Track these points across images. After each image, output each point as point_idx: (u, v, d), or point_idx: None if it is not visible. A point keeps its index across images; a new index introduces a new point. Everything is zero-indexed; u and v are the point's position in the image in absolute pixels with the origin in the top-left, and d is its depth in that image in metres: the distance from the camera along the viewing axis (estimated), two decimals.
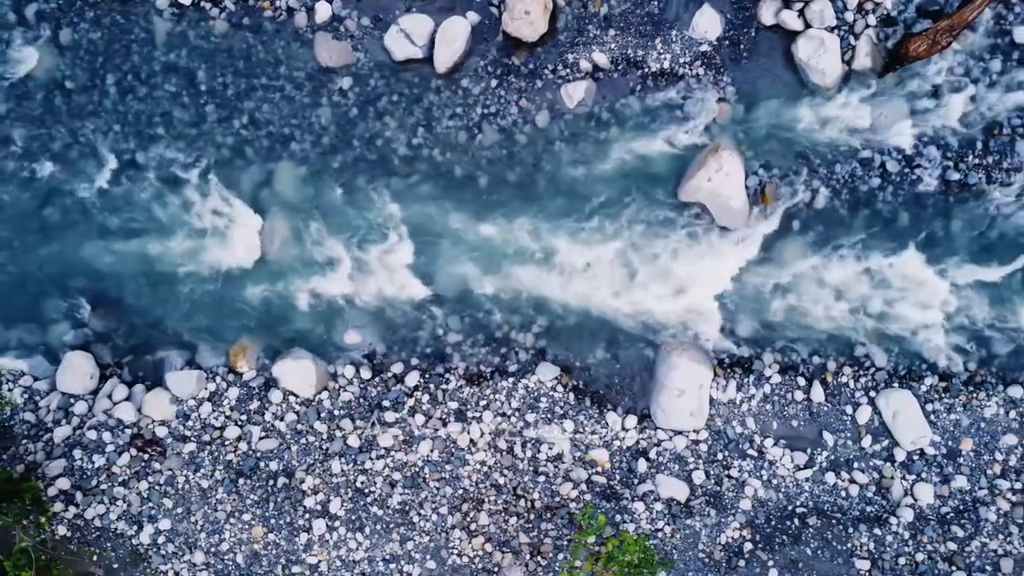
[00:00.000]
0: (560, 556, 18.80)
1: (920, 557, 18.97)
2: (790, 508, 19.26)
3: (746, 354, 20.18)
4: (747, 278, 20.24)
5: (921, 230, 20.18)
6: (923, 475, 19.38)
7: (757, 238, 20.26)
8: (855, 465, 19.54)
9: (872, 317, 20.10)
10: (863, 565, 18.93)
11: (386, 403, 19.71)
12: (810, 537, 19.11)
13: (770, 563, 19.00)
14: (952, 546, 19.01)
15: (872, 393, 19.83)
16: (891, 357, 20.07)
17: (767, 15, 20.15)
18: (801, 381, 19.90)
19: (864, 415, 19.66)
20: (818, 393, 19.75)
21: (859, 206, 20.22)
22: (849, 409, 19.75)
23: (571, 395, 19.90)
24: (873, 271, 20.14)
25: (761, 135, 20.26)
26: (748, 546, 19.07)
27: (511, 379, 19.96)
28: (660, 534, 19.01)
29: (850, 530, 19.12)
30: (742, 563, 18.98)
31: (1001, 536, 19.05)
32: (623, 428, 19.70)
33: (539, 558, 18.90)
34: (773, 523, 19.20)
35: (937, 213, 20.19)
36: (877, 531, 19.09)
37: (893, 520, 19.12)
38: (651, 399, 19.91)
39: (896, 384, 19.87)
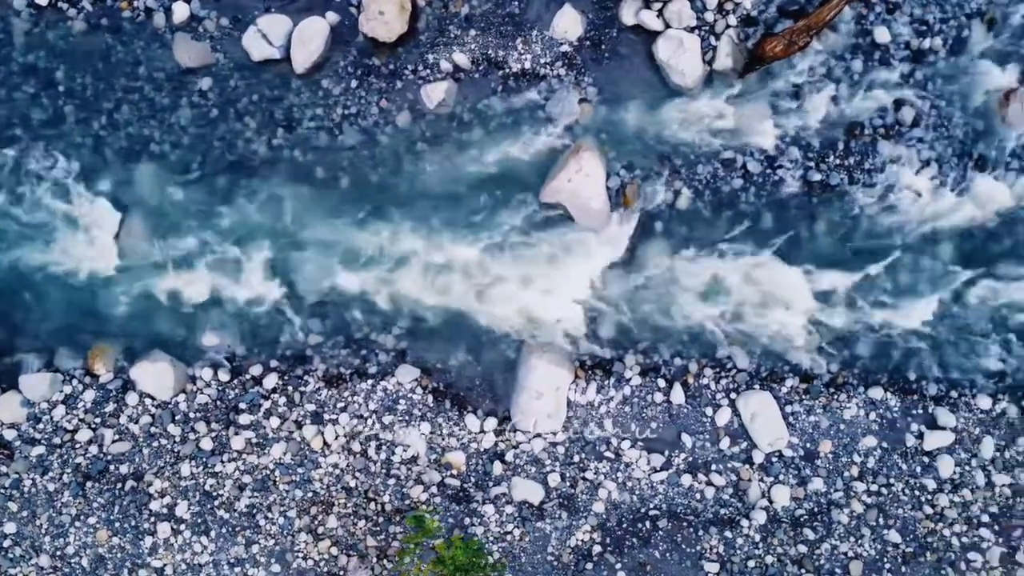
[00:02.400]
0: (407, 559, 18.69)
1: (769, 560, 18.87)
2: (643, 510, 19.15)
3: (608, 356, 20.07)
4: (609, 279, 20.12)
5: (784, 231, 20.06)
6: (780, 477, 19.29)
7: (619, 239, 20.12)
8: (713, 467, 19.44)
9: (735, 318, 19.99)
10: (712, 568, 18.81)
11: (242, 405, 19.59)
12: (660, 540, 18.99)
13: (618, 566, 18.88)
14: (803, 548, 18.91)
15: (733, 395, 19.73)
16: (753, 359, 19.98)
17: (628, 15, 20.02)
18: (662, 383, 19.79)
19: (724, 417, 19.56)
20: (678, 395, 19.65)
21: (722, 207, 20.11)
22: (709, 411, 19.65)
23: (430, 397, 19.79)
24: (737, 272, 20.02)
25: (623, 136, 20.14)
26: (597, 549, 18.95)
27: (370, 381, 19.84)
28: (509, 537, 18.90)
29: (700, 532, 19.01)
30: (590, 566, 18.87)
31: (852, 538, 18.94)
32: (481, 430, 19.59)
33: (385, 561, 18.78)
34: (624, 526, 19.08)
35: (800, 214, 20.09)
36: (728, 533, 18.98)
37: (744, 522, 19.01)
38: (511, 401, 19.80)
39: (757, 386, 19.78)
